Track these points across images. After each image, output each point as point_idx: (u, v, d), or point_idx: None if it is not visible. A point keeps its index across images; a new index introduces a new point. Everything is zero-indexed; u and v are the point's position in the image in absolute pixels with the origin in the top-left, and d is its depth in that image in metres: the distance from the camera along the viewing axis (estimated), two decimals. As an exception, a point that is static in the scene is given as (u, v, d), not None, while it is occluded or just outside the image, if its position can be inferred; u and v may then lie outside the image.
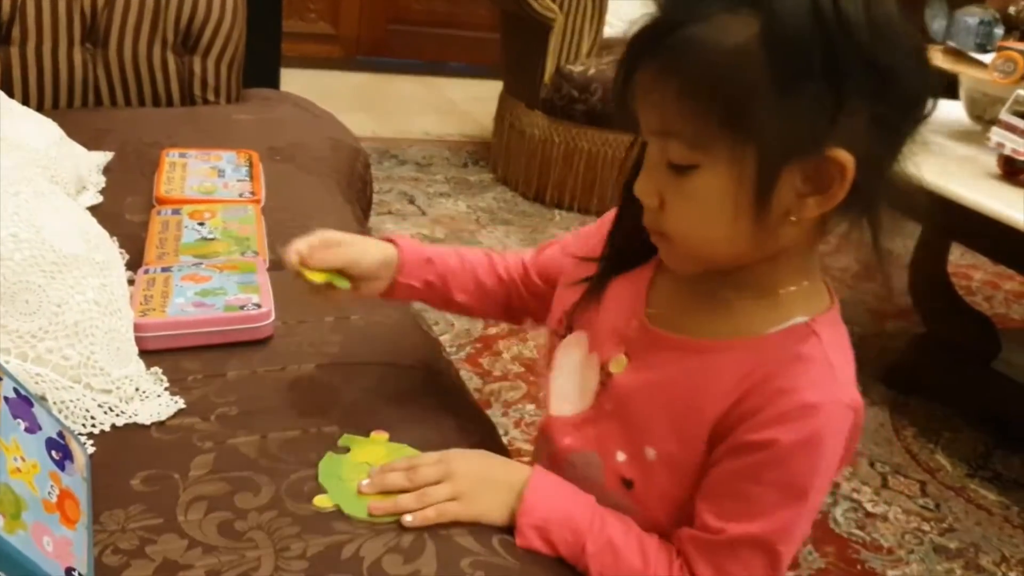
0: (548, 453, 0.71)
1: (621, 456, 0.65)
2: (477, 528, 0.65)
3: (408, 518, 0.64)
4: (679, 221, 0.58)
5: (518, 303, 0.82)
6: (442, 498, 0.64)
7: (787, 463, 0.57)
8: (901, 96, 0.53)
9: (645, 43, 0.55)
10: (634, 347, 0.66)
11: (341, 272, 0.74)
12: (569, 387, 0.71)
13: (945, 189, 1.35)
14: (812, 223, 0.56)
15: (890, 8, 0.53)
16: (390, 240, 0.79)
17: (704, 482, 0.61)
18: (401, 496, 0.65)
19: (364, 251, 0.76)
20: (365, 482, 0.67)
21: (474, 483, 0.65)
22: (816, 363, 0.58)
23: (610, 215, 0.70)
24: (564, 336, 0.72)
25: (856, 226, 0.57)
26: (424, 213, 2.39)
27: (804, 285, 0.61)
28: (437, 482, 0.65)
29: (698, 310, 0.63)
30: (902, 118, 0.54)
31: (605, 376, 0.67)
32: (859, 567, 1.30)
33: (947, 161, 1.50)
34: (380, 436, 0.74)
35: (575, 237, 0.78)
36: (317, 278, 0.73)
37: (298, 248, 0.73)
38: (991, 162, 1.43)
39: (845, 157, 0.53)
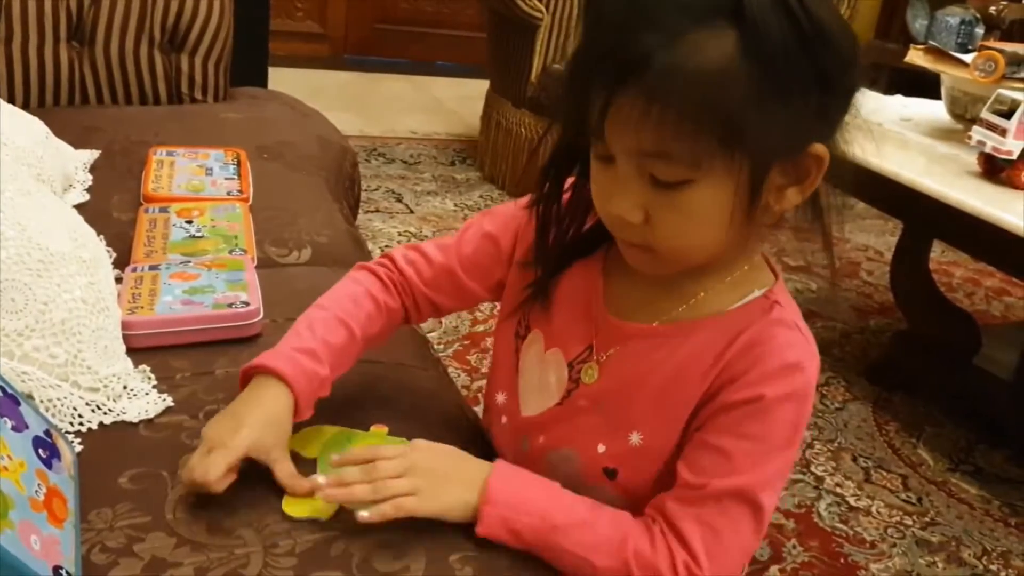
0: (521, 453, 0.71)
1: (602, 448, 0.66)
2: (467, 524, 0.65)
3: (364, 513, 0.61)
4: (669, 233, 0.58)
5: (414, 315, 0.78)
6: (400, 492, 0.62)
7: (771, 416, 0.60)
8: (851, 86, 0.56)
9: (619, 70, 0.52)
10: (603, 344, 0.67)
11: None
12: (534, 385, 0.71)
13: (926, 187, 1.37)
14: None
15: (832, 4, 0.55)
16: (272, 372, 0.67)
17: (687, 446, 0.63)
18: (357, 486, 0.62)
19: (260, 435, 0.65)
20: (322, 478, 0.64)
21: (434, 479, 0.64)
22: (787, 326, 0.62)
23: (525, 201, 0.69)
24: (524, 337, 0.72)
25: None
26: (411, 211, 2.39)
27: (754, 261, 0.65)
28: (398, 476, 0.63)
29: (660, 298, 0.65)
30: (849, 104, 0.57)
31: (576, 377, 0.68)
32: (842, 560, 1.32)
33: (928, 159, 1.52)
34: (380, 429, 0.74)
35: (491, 219, 0.75)
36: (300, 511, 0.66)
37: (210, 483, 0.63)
38: (972, 160, 1.44)
39: (822, 150, 0.56)
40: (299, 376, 0.67)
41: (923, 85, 1.77)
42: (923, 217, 1.50)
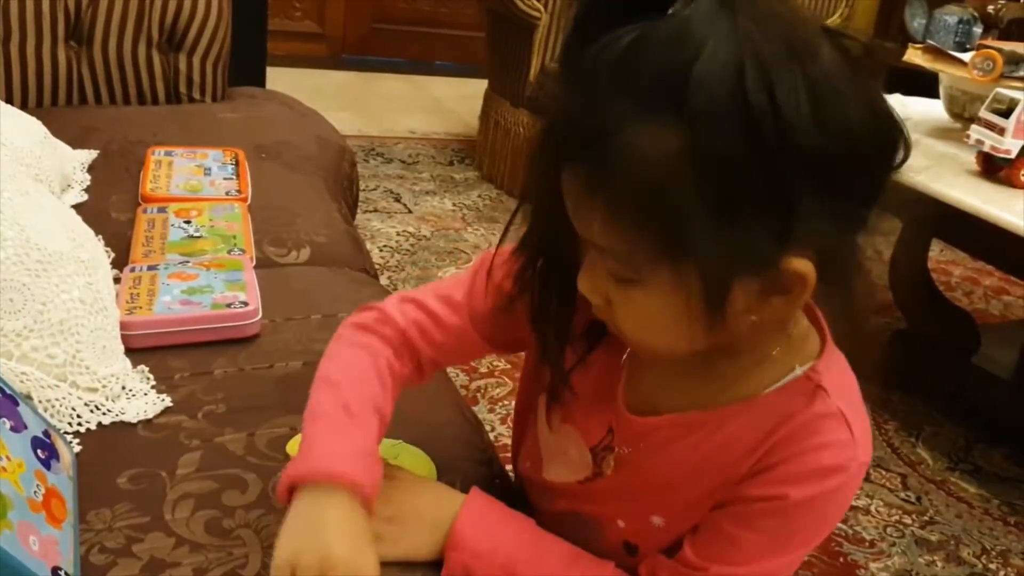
0: (540, 509, 0.67)
1: (621, 523, 0.62)
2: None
3: None
4: (629, 325, 0.52)
5: (415, 379, 0.68)
6: None
7: (790, 516, 0.55)
8: (863, 169, 0.47)
9: (564, 146, 0.48)
10: (624, 437, 0.61)
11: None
12: (553, 449, 0.66)
13: (925, 186, 1.37)
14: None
15: (835, 75, 0.45)
16: (347, 480, 0.56)
17: (700, 522, 0.59)
18: None
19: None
20: None
21: (398, 522, 0.61)
22: (831, 422, 0.54)
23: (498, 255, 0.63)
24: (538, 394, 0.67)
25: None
26: (410, 211, 2.39)
27: (793, 334, 0.56)
28: None
29: (687, 381, 0.58)
30: (868, 193, 0.48)
31: (599, 465, 0.63)
32: (842, 560, 1.32)
33: (927, 158, 1.52)
34: None
35: (506, 271, 0.64)
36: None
37: None
38: (970, 159, 1.45)
39: (803, 266, 0.47)
40: (369, 480, 0.57)
41: (921, 84, 1.77)
42: (921, 216, 1.50)
